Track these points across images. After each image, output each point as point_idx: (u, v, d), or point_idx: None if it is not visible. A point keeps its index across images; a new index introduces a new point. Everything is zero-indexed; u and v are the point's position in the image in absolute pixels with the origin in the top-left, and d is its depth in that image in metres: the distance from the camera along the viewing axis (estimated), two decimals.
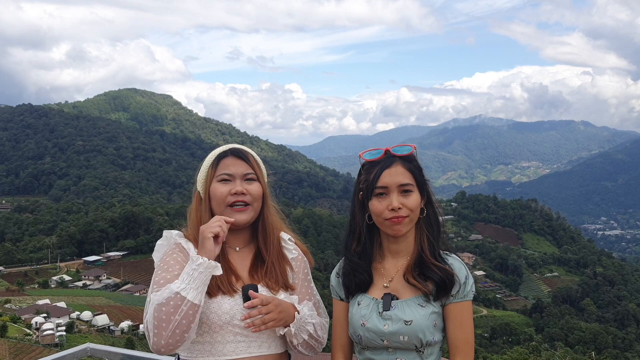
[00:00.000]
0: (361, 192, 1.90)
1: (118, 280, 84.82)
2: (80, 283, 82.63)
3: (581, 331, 67.79)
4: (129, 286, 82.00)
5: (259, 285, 1.92)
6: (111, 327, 57.40)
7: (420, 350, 1.80)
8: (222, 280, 1.88)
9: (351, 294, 1.93)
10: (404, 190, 1.82)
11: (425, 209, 1.89)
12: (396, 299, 1.84)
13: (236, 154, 1.99)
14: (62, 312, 58.61)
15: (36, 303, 61.88)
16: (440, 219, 1.93)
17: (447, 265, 1.85)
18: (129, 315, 61.61)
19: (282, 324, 1.85)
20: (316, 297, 2.08)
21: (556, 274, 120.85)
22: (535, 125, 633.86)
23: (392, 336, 1.79)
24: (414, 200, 1.83)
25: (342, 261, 1.99)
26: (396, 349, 1.81)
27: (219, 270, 1.79)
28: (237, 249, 2.03)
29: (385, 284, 1.88)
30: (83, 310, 60.92)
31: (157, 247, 2.00)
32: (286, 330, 1.87)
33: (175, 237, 1.99)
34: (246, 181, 1.96)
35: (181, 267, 1.85)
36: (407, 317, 1.79)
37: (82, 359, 2.83)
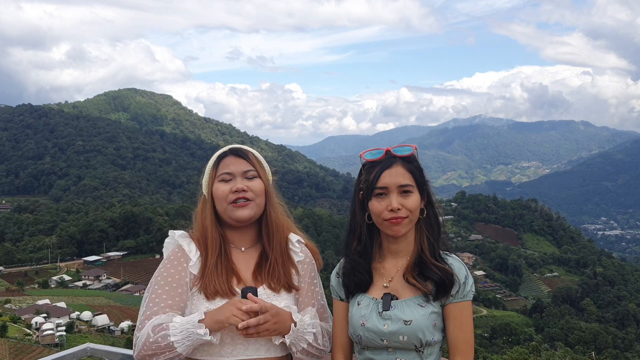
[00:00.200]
0: (361, 192, 1.90)
1: (118, 280, 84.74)
2: (80, 283, 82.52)
3: (581, 331, 67.68)
4: (129, 286, 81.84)
5: (261, 287, 1.92)
6: (111, 327, 57.33)
7: (420, 350, 1.80)
8: (220, 284, 1.89)
9: (351, 294, 1.93)
10: (403, 191, 1.83)
11: (425, 210, 1.88)
12: (396, 299, 1.84)
13: (236, 152, 2.02)
14: (62, 312, 58.57)
15: (36, 303, 61.79)
16: (440, 219, 1.93)
17: (447, 265, 1.85)
18: (129, 315, 61.47)
19: (277, 334, 1.85)
20: (321, 302, 2.07)
21: (556, 274, 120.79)
22: (535, 125, 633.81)
23: (391, 336, 1.79)
24: (414, 201, 1.83)
25: (342, 261, 1.99)
26: (396, 349, 1.81)
27: (212, 339, 1.80)
28: (243, 249, 2.03)
29: (385, 284, 1.88)
30: (83, 310, 60.86)
31: (165, 245, 2.05)
32: (281, 340, 1.87)
33: (178, 239, 2.01)
34: (247, 179, 1.97)
35: (178, 285, 1.90)
36: (407, 317, 1.79)
37: (82, 359, 2.83)
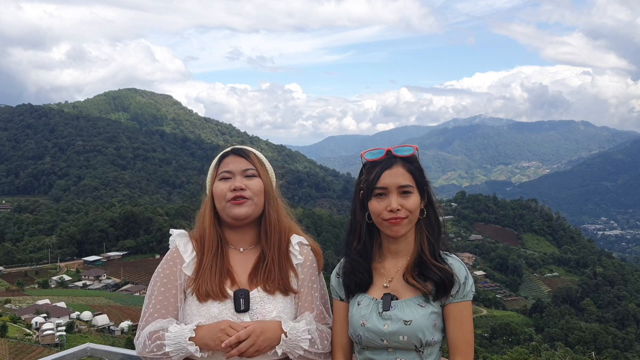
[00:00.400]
0: (362, 192, 1.90)
1: (118, 280, 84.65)
2: (80, 283, 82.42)
3: (581, 331, 67.64)
4: (129, 286, 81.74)
5: (255, 290, 1.91)
6: (111, 327, 57.30)
7: (420, 350, 1.80)
8: (213, 285, 1.88)
9: (351, 294, 1.93)
10: (403, 192, 1.82)
11: (425, 210, 1.88)
12: (396, 299, 1.84)
13: (236, 152, 2.03)
14: (62, 312, 58.53)
15: (36, 303, 61.72)
16: (440, 219, 1.93)
17: (447, 265, 1.85)
18: (129, 315, 61.44)
19: (269, 349, 1.84)
20: (320, 307, 2.04)
21: (556, 274, 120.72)
22: (535, 125, 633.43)
23: (391, 336, 1.79)
24: (414, 201, 1.83)
25: (343, 261, 1.99)
26: (396, 349, 1.81)
27: (204, 355, 1.83)
28: (241, 249, 2.02)
29: (385, 284, 1.88)
30: (83, 310, 60.81)
31: (170, 243, 2.07)
32: (273, 351, 1.86)
33: (176, 238, 2.02)
34: (246, 177, 1.97)
35: (173, 286, 1.93)
36: (407, 317, 1.79)
37: (82, 359, 2.82)
